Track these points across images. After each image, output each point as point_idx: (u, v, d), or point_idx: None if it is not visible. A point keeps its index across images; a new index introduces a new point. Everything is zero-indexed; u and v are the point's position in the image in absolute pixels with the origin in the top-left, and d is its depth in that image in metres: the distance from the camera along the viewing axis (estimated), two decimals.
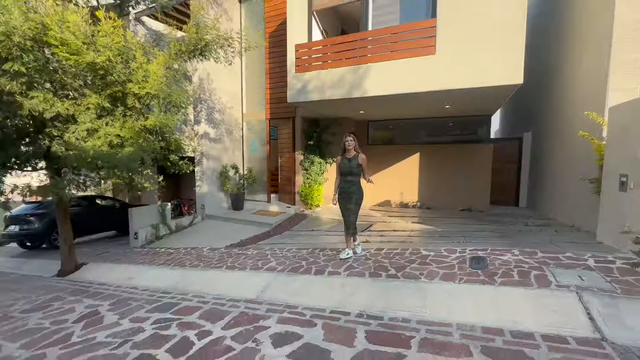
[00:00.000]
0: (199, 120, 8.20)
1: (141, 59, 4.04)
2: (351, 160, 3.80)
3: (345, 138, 3.80)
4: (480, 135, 8.26)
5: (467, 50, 4.75)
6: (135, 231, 6.88)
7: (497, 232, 5.23)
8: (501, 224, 6.12)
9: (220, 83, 8.57)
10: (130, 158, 3.98)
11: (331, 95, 5.89)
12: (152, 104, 4.34)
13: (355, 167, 3.77)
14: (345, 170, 3.82)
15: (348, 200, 3.84)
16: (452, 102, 5.97)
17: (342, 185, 3.89)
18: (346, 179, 3.85)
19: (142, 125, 4.25)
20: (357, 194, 3.84)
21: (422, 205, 8.56)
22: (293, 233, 6.56)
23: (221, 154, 8.78)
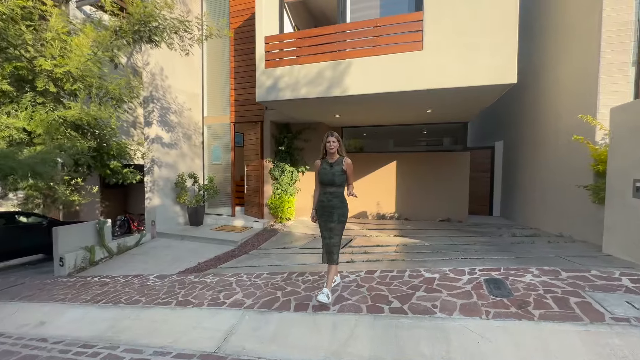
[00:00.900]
0: (150, 122, 7.04)
1: (58, 27, 3.02)
2: (333, 165, 2.98)
3: (327, 138, 3.01)
4: (457, 143, 8.07)
5: (458, 47, 4.35)
6: (61, 256, 5.49)
7: (489, 245, 4.79)
8: (488, 235, 5.75)
9: (176, 80, 7.51)
10: (38, 160, 2.89)
11: (307, 93, 5.19)
12: (77, 90, 3.29)
13: (338, 174, 2.95)
14: (325, 178, 2.99)
15: (329, 217, 2.97)
16: (437, 105, 5.58)
17: (322, 199, 3.04)
18: (326, 189, 3.01)
19: (61, 118, 3.18)
20: (341, 208, 2.98)
21: (400, 217, 8.08)
22: (262, 252, 5.64)
23: (177, 162, 7.63)
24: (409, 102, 5.40)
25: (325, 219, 3.02)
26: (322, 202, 3.04)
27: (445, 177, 7.75)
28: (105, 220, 6.39)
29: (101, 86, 3.88)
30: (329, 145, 3.00)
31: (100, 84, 3.87)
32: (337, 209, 2.98)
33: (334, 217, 2.97)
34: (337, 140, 3.02)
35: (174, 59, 7.38)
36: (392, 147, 8.95)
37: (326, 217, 3.01)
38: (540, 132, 6.25)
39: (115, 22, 3.81)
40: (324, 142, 3.04)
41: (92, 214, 11.35)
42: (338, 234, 2.98)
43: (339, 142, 3.04)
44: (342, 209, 3.01)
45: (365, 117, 7.03)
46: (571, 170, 4.92)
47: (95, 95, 4.05)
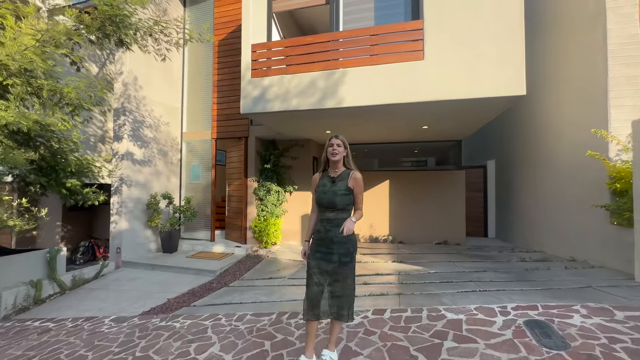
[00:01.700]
0: (120, 136, 6.32)
1: None
2: (336, 181, 2.22)
3: (330, 141, 2.27)
4: (450, 161, 7.79)
5: (461, 57, 4.06)
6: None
7: (503, 272, 4.30)
8: (494, 260, 5.30)
9: (153, 92, 6.90)
10: None
11: (299, 104, 4.72)
12: (10, 85, 2.61)
13: (341, 193, 2.18)
14: (324, 199, 2.21)
15: (325, 256, 2.16)
16: (435, 120, 5.25)
17: (318, 228, 2.25)
18: (325, 215, 2.22)
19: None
20: (344, 243, 2.16)
21: (394, 240, 7.56)
22: (245, 284, 4.90)
23: (150, 181, 6.85)
24: (407, 116, 5.03)
25: (319, 257, 2.18)
26: (319, 232, 2.24)
27: (441, 197, 7.38)
28: (58, 249, 5.46)
29: (54, 88, 3.23)
30: (331, 150, 2.23)
31: (52, 85, 3.21)
32: (339, 244, 2.14)
33: (333, 257, 2.14)
34: (342, 144, 2.27)
35: (151, 68, 6.81)
36: (384, 166, 8.59)
37: (321, 255, 2.18)
38: (539, 149, 6.04)
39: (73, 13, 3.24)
40: (325, 148, 2.29)
41: (52, 240, 10.12)
42: (347, 285, 2.16)
43: (346, 148, 2.28)
44: (347, 244, 2.16)
45: (357, 133, 6.64)
46: (582, 188, 4.62)
47: (47, 98, 3.38)
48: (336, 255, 2.16)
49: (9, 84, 2.50)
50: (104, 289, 5.23)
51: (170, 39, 4.28)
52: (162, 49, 4.36)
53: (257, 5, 5.31)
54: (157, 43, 4.25)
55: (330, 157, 2.25)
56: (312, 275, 2.19)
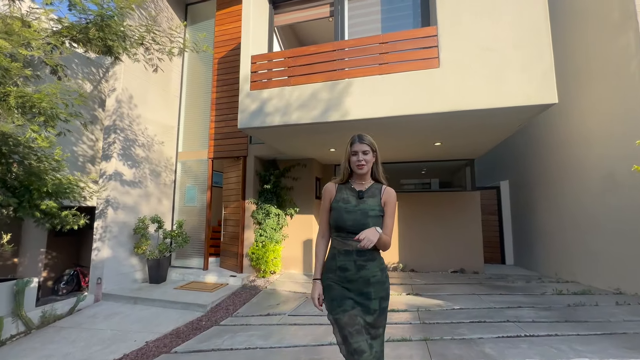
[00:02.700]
0: (109, 155, 5.88)
1: None
2: (365, 196, 1.68)
3: (353, 147, 1.71)
4: (460, 182, 7.28)
5: (481, 64, 3.68)
6: None
7: (542, 309, 3.65)
8: (525, 292, 4.62)
9: (148, 110, 6.55)
10: None
11: (299, 118, 4.30)
12: None
13: (376, 213, 1.64)
14: (349, 220, 1.63)
15: (364, 304, 1.59)
16: (449, 134, 4.81)
17: (342, 262, 1.64)
18: (352, 244, 1.61)
19: None
20: (383, 282, 1.64)
21: (405, 268, 6.89)
22: (238, 322, 4.22)
23: (139, 203, 6.33)
24: (419, 130, 4.59)
25: (352, 305, 1.58)
26: (345, 270, 1.62)
27: (454, 220, 6.80)
28: (27, 280, 4.84)
29: (22, 94, 2.81)
30: (356, 161, 1.68)
31: (20, 91, 2.80)
32: (378, 285, 1.61)
33: (372, 304, 1.57)
34: (370, 149, 1.71)
35: (147, 86, 6.51)
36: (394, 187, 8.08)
37: (353, 303, 1.58)
38: (562, 166, 5.54)
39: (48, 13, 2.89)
40: (347, 156, 1.74)
41: (35, 268, 9.41)
42: (382, 334, 1.63)
43: (375, 152, 1.73)
44: (386, 284, 1.65)
45: None
46: (618, 210, 4.06)
47: (15, 106, 2.95)
48: (376, 301, 1.58)
49: None
50: (76, 328, 4.53)
51: (162, 47, 3.94)
52: (154, 58, 4.03)
53: (258, 18, 5.06)
54: (149, 52, 3.92)
55: (357, 170, 1.70)
56: (350, 336, 1.52)
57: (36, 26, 2.79)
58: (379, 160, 1.79)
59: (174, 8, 7.28)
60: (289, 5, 5.34)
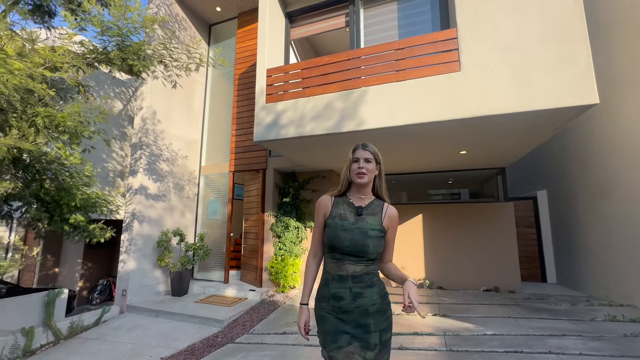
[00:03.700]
0: (135, 171, 6.13)
1: None
2: (364, 213, 1.51)
3: (355, 154, 1.55)
4: (496, 191, 6.78)
5: (508, 65, 3.40)
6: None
7: (594, 339, 3.17)
8: (569, 316, 4.09)
9: (172, 126, 6.81)
10: None
11: (313, 129, 4.21)
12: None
13: (376, 233, 1.46)
14: (346, 240, 1.44)
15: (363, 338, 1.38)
16: (475, 142, 4.48)
17: (335, 290, 1.45)
18: (348, 268, 1.44)
19: None
20: (383, 311, 1.45)
21: (432, 285, 6.44)
22: (253, 339, 4.09)
23: (163, 216, 6.51)
24: (441, 139, 4.32)
25: (347, 341, 1.37)
26: (339, 298, 1.43)
27: (486, 233, 6.30)
28: (58, 291, 5.06)
29: (49, 114, 2.98)
30: (357, 167, 1.50)
31: (47, 111, 2.96)
32: (378, 315, 1.41)
33: (372, 338, 1.36)
34: (373, 158, 1.54)
35: (172, 103, 6.79)
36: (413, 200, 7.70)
37: (350, 338, 1.37)
38: (611, 173, 4.96)
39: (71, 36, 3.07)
40: (348, 164, 1.56)
41: (72, 278, 9.99)
42: None
43: (378, 164, 1.56)
44: (388, 312, 1.45)
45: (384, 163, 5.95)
46: None
47: (43, 126, 3.12)
48: (376, 335, 1.38)
49: (3, 109, 2.22)
50: (99, 340, 4.63)
51: (180, 64, 4.06)
52: (173, 75, 4.16)
53: (274, 33, 5.12)
54: (168, 69, 4.06)
55: (356, 179, 1.51)
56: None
57: (61, 50, 2.97)
58: (383, 174, 1.61)
59: (198, 29, 7.62)
60: (304, 18, 5.37)
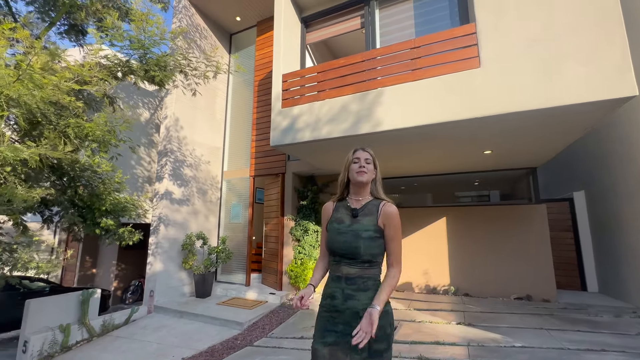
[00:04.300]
0: (161, 177, 6.42)
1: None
2: (359, 214, 1.50)
3: (355, 154, 1.58)
4: (527, 192, 6.37)
5: (533, 58, 3.19)
6: (26, 339, 4.40)
7: (638, 356, 2.86)
8: (615, 331, 3.72)
9: (195, 133, 7.07)
10: None
11: (329, 132, 4.19)
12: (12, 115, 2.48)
13: (370, 234, 1.44)
14: (339, 242, 1.47)
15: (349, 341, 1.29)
16: (500, 141, 4.24)
17: (331, 290, 1.49)
18: (343, 269, 1.46)
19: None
20: (382, 317, 1.35)
21: (458, 291, 6.15)
22: (271, 343, 4.11)
23: (188, 220, 6.75)
24: (462, 139, 4.13)
25: (333, 341, 1.38)
26: (333, 297, 1.45)
27: (516, 237, 5.93)
28: (92, 290, 5.37)
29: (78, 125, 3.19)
30: (357, 167, 1.53)
31: (77, 122, 3.18)
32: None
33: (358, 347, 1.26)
34: (372, 160, 1.58)
35: (195, 111, 7.06)
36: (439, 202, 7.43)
37: (337, 338, 1.38)
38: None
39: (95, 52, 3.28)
40: (347, 165, 1.59)
41: (107, 278, 10.62)
42: None
43: (376, 168, 1.59)
44: (382, 321, 1.35)
45: (403, 164, 5.80)
46: None
47: (74, 136, 3.35)
48: (373, 341, 1.33)
49: (40, 121, 2.41)
50: (128, 338, 4.86)
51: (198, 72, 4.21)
52: (192, 83, 4.33)
53: (290, 38, 5.17)
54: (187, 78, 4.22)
55: (356, 177, 1.52)
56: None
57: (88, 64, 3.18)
58: (379, 177, 1.62)
59: (220, 39, 7.88)
60: (320, 22, 5.39)
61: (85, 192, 4.72)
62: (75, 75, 3.00)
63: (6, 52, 2.51)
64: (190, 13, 6.99)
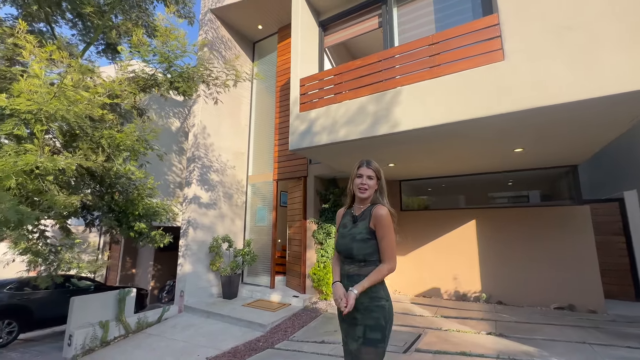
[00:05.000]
0: (189, 182, 6.74)
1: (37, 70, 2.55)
2: (358, 220, 1.70)
3: (359, 170, 1.75)
4: (566, 193, 5.87)
5: (564, 46, 2.94)
6: (70, 333, 4.80)
7: None
8: None
9: (221, 139, 7.34)
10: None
11: (347, 134, 4.14)
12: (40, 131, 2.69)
13: (361, 237, 1.62)
14: (341, 245, 1.72)
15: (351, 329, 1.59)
16: (531, 138, 3.94)
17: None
18: (345, 268, 1.68)
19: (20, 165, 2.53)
20: (371, 311, 1.56)
21: (490, 299, 5.78)
22: (292, 346, 4.12)
23: (215, 223, 7.00)
24: (488, 137, 3.89)
25: (345, 329, 1.67)
26: None
27: (556, 241, 5.47)
28: (128, 290, 5.74)
29: (111, 136, 3.45)
30: (360, 183, 1.71)
31: (110, 133, 3.44)
32: (365, 312, 1.56)
33: (357, 330, 1.55)
34: (375, 174, 1.73)
35: (220, 118, 7.34)
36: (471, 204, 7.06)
37: (346, 327, 1.65)
38: None
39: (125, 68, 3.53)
40: (352, 178, 1.78)
41: (145, 278, 11.31)
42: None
43: (379, 180, 1.74)
44: (375, 313, 1.55)
45: (428, 165, 5.59)
46: None
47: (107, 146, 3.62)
48: (360, 328, 1.57)
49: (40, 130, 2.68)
50: (158, 336, 5.13)
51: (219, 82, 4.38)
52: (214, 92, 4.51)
53: (308, 42, 5.22)
54: (209, 87, 4.41)
55: (358, 194, 1.73)
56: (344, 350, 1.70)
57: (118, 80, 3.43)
58: (384, 188, 1.76)
59: (243, 48, 8.14)
60: (338, 24, 5.38)
61: (121, 198, 5.07)
62: (107, 90, 3.25)
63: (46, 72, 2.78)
64: (216, 26, 7.30)
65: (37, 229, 3.86)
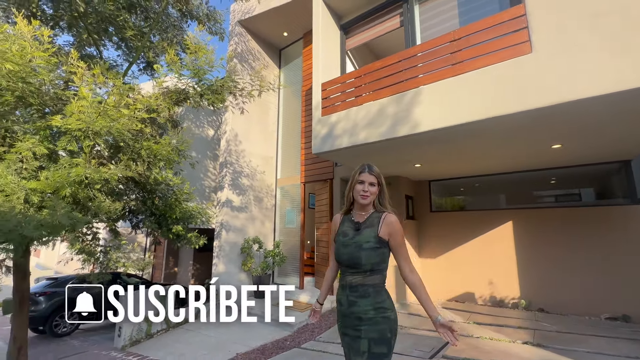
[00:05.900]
0: (222, 186, 7.12)
1: (84, 93, 2.91)
2: (362, 227, 1.60)
3: (360, 176, 1.61)
4: (618, 191, 5.31)
5: (595, 35, 2.71)
6: (120, 325, 5.31)
7: None
8: None
9: (251, 145, 7.66)
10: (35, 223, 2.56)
11: (367, 137, 4.14)
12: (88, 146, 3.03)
13: (371, 245, 1.53)
14: (344, 254, 1.58)
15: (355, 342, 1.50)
16: (569, 133, 3.65)
17: (340, 297, 1.64)
18: (348, 279, 1.58)
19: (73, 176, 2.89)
20: (382, 322, 1.49)
21: (530, 306, 5.40)
22: (317, 347, 4.21)
23: (246, 225, 7.32)
24: (518, 134, 3.68)
25: (347, 342, 1.56)
26: (340, 303, 1.63)
27: (608, 244, 4.98)
28: (168, 287, 6.19)
29: (148, 147, 3.80)
30: (360, 188, 1.58)
31: (148, 144, 3.79)
32: (370, 323, 1.48)
33: (361, 344, 1.46)
34: (377, 181, 1.61)
35: (249, 125, 7.67)
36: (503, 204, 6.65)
37: (349, 341, 1.54)
38: None
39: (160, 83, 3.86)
40: (351, 184, 1.65)
41: (186, 277, 12.08)
42: None
43: (380, 185, 1.62)
44: (381, 325, 1.48)
45: (457, 164, 5.38)
46: None
47: (146, 157, 3.99)
48: (365, 342, 1.48)
49: (87, 145, 3.04)
50: (194, 331, 5.49)
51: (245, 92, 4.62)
52: (240, 102, 4.76)
53: (329, 46, 5.29)
54: (235, 98, 4.66)
55: (359, 200, 1.61)
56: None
57: (154, 95, 3.77)
58: (386, 192, 1.67)
59: (270, 56, 8.43)
60: (359, 26, 5.39)
61: (161, 203, 5.51)
62: (145, 106, 3.60)
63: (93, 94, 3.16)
64: (246, 39, 7.65)
65: (90, 232, 4.34)
